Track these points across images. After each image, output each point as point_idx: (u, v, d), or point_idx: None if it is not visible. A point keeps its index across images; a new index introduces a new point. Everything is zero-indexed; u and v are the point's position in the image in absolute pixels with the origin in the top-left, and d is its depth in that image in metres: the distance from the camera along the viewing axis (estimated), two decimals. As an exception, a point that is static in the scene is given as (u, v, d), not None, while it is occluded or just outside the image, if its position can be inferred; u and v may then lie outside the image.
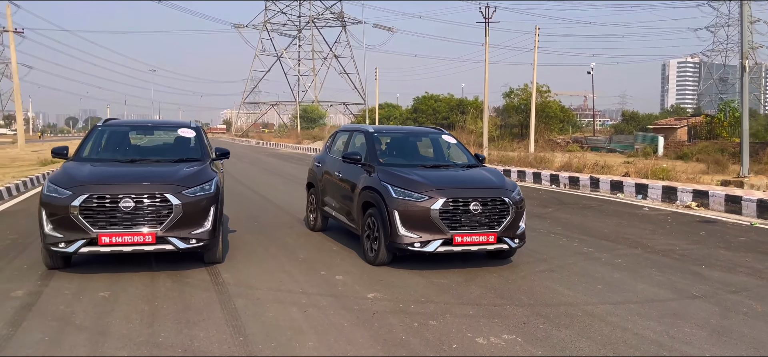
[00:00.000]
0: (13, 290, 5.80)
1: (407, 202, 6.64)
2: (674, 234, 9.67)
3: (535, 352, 4.41)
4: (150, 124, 8.79)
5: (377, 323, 4.98)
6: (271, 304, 5.47)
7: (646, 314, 5.36)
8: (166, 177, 6.58)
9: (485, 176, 7.28)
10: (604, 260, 7.58)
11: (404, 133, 9.12)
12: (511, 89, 55.03)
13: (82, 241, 6.09)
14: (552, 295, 5.93)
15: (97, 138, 7.72)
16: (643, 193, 14.88)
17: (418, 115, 69.37)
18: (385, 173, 7.13)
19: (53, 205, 6.17)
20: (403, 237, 6.60)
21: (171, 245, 6.29)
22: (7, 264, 6.89)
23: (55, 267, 6.54)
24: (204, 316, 5.08)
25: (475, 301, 5.69)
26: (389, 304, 5.53)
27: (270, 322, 4.97)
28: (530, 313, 5.31)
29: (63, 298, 5.56)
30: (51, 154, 7.55)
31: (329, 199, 8.69)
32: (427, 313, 5.25)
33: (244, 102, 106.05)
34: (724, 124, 37.54)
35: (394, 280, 6.35)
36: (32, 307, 5.29)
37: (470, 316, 5.20)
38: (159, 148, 7.98)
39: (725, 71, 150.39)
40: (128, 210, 6.15)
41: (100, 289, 5.85)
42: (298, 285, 6.16)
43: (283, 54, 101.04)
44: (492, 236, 6.68)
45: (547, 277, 6.66)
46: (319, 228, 9.22)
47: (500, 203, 6.78)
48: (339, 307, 5.43)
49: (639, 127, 57.62)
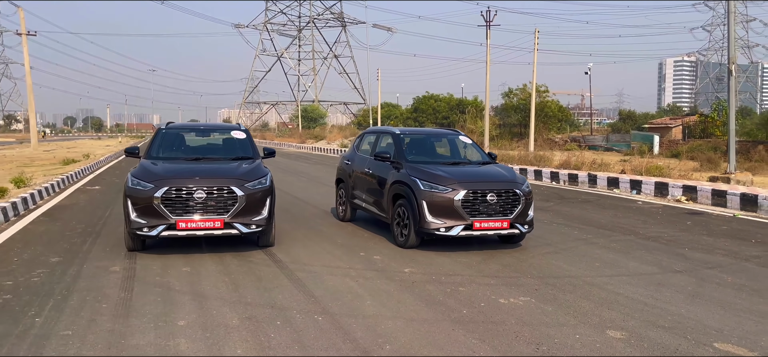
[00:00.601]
0: (111, 266, 6.98)
1: (433, 193, 7.82)
2: (664, 223, 10.86)
3: (546, 308, 5.59)
4: (205, 127, 9.98)
5: (417, 290, 6.16)
6: (327, 276, 6.65)
7: (635, 284, 6.55)
8: (230, 173, 7.75)
9: (499, 171, 8.47)
10: (601, 244, 8.76)
11: (426, 134, 10.30)
12: (510, 89, 56.24)
13: (163, 226, 7.27)
14: (557, 270, 7.12)
15: (162, 139, 8.89)
16: (637, 189, 16.09)
17: (419, 114, 70.60)
18: (413, 169, 8.31)
19: (137, 196, 7.35)
20: (430, 223, 7.78)
21: (236, 230, 7.47)
22: (91, 247, 8.06)
23: (135, 249, 7.71)
24: (276, 285, 6.26)
25: (494, 274, 6.87)
26: (424, 276, 6.72)
27: (331, 288, 6.15)
28: (540, 283, 6.49)
29: (153, 271, 6.73)
30: (124, 153, 8.71)
31: (359, 193, 9.87)
32: (456, 283, 6.44)
33: (245, 102, 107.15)
34: (718, 123, 38.78)
35: (424, 259, 7.53)
36: (133, 278, 6.46)
37: (491, 285, 6.38)
38: (216, 147, 9.16)
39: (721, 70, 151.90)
40: (201, 200, 7.33)
41: (181, 266, 7.03)
42: (344, 263, 7.34)
43: (284, 54, 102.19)
44: (505, 223, 7.88)
45: (553, 257, 7.84)
46: (349, 218, 10.41)
47: (512, 194, 7.97)
48: (383, 278, 6.61)
49: (635, 126, 58.92)
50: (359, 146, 10.49)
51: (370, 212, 9.47)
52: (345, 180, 10.47)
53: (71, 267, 6.94)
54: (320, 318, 5.22)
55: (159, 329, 4.87)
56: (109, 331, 4.81)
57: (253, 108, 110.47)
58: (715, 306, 5.76)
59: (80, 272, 6.69)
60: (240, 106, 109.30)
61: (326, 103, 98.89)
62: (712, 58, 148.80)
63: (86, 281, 6.31)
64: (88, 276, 6.53)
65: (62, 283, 6.22)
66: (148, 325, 4.98)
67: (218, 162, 8.34)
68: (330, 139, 62.27)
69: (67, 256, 7.52)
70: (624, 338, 4.83)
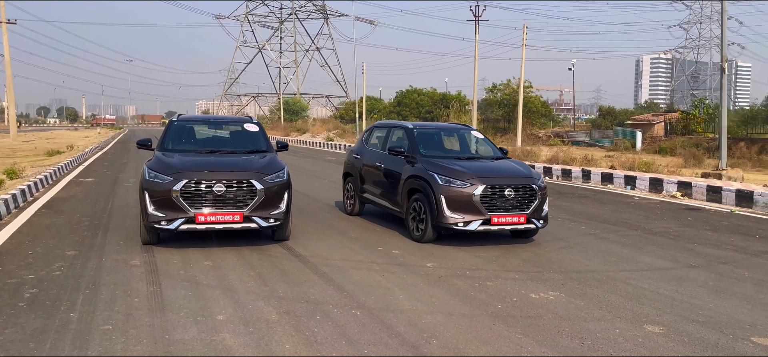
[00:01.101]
0: (130, 260, 6.88)
1: (452, 188, 7.84)
2: (666, 219, 11.02)
3: (578, 303, 5.65)
4: (217, 120, 9.87)
5: (446, 284, 6.18)
6: (352, 271, 6.63)
7: (656, 278, 6.64)
8: (249, 166, 7.69)
9: (515, 166, 8.52)
10: (612, 239, 8.86)
11: (438, 128, 10.31)
12: (493, 84, 56.45)
13: (182, 219, 7.19)
14: (577, 265, 7.18)
15: (174, 132, 8.78)
16: (631, 184, 16.30)
17: (402, 108, 70.56)
18: (430, 163, 8.32)
19: (155, 189, 7.25)
20: (448, 218, 7.80)
21: (255, 223, 7.41)
22: (104, 240, 7.95)
23: (151, 243, 7.61)
24: (304, 279, 6.24)
25: (517, 268, 6.92)
26: (448, 271, 6.74)
27: (360, 283, 6.14)
28: (565, 278, 6.55)
29: (175, 266, 6.65)
30: (136, 145, 8.58)
31: (370, 187, 9.86)
32: (482, 277, 6.47)
33: (225, 94, 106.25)
34: (699, 120, 39.39)
35: (443, 254, 7.55)
36: (156, 272, 6.38)
37: (517, 280, 6.42)
38: (230, 140, 9.07)
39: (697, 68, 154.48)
40: (220, 194, 7.26)
41: (202, 260, 6.96)
42: (364, 257, 7.33)
43: (265, 46, 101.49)
44: (523, 217, 7.93)
45: (569, 252, 7.91)
46: (357, 212, 10.39)
47: (529, 189, 8.02)
48: (408, 272, 6.62)
49: (616, 122, 59.59)
50: (368, 140, 10.47)
51: (382, 206, 9.46)
52: (353, 174, 10.44)
53: (90, 260, 6.83)
54: (358, 312, 5.21)
55: (200, 324, 4.82)
56: (149, 326, 4.75)
57: (233, 100, 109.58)
58: (741, 301, 5.86)
59: (101, 266, 6.59)
60: (220, 97, 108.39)
61: (308, 95, 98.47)
62: (688, 56, 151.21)
63: (110, 275, 6.22)
64: (110, 270, 6.43)
65: (85, 277, 6.12)
66: (187, 319, 4.92)
67: (234, 155, 8.27)
68: (314, 132, 62.08)
69: (81, 249, 7.40)
70: (663, 333, 4.89)
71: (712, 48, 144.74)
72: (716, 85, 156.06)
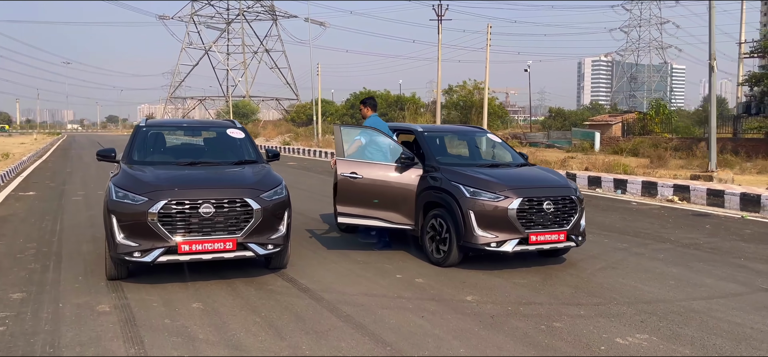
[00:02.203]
0: (96, 304, 5.41)
1: (483, 202, 6.65)
2: (682, 227, 10.12)
3: (680, 350, 4.53)
4: (193, 125, 8.37)
5: (505, 327, 4.97)
6: (381, 310, 5.35)
7: (739, 308, 5.60)
8: (241, 180, 6.32)
9: (550, 175, 7.40)
10: (648, 255, 7.85)
11: (450, 132, 9.12)
12: (449, 86, 55.75)
13: (161, 249, 5.76)
14: (639, 292, 6.09)
15: (143, 139, 7.29)
16: (622, 188, 15.50)
17: (355, 111, 69.22)
18: (452, 173, 7.11)
19: (126, 212, 5.79)
20: (479, 237, 6.61)
21: (251, 252, 6.05)
22: (58, 275, 6.41)
23: (118, 277, 6.14)
24: (327, 326, 4.92)
25: (574, 300, 5.77)
26: (496, 307, 5.53)
27: (399, 329, 4.87)
28: (638, 312, 5.44)
29: (158, 312, 5.22)
30: (96, 157, 7.04)
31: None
32: (543, 315, 5.29)
33: (171, 97, 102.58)
34: (656, 120, 39.57)
35: (476, 282, 6.35)
36: (134, 322, 4.94)
37: (586, 318, 5.27)
38: (210, 149, 7.61)
39: (637, 70, 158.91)
40: (208, 216, 5.86)
41: (188, 301, 5.55)
42: (386, 289, 6.06)
43: (212, 47, 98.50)
44: (562, 235, 6.81)
45: (614, 274, 6.83)
46: (354, 228, 9.07)
47: (569, 202, 6.91)
48: (450, 311, 5.38)
49: (568, 123, 59.93)
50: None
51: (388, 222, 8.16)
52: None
53: (43, 307, 5.32)
54: (420, 378, 3.94)
55: (214, 411, 3.45)
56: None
57: (178, 103, 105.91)
58: None
59: (59, 315, 5.11)
60: (165, 101, 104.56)
61: (257, 98, 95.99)
62: (628, 59, 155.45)
63: (73, 330, 4.75)
64: (72, 321, 4.96)
65: (41, 335, 4.65)
66: (194, 403, 3.55)
67: (220, 167, 6.85)
68: (266, 135, 60.09)
69: (30, 289, 5.87)
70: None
71: (651, 51, 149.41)
72: (656, 86, 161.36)
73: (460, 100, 54.43)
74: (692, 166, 24.29)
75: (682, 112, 68.00)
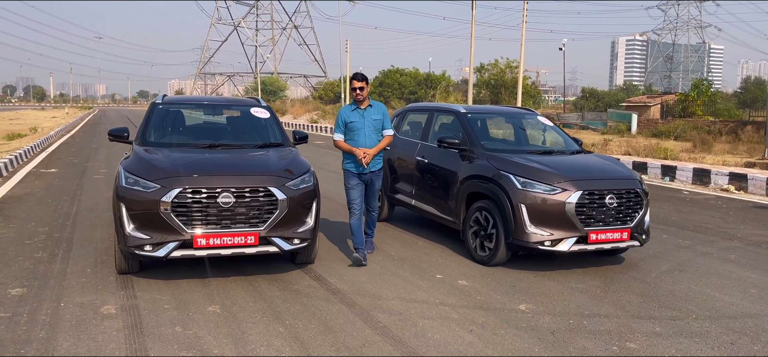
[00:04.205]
0: (101, 304, 4.80)
1: (537, 195, 5.87)
2: (748, 222, 9.21)
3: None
4: (213, 102, 7.70)
5: (571, 347, 4.22)
6: (422, 320, 4.65)
7: (841, 326, 4.77)
8: (265, 166, 5.63)
9: (611, 165, 6.58)
10: (717, 256, 7.01)
11: (497, 113, 8.32)
12: (481, 64, 54.43)
13: (175, 243, 5.12)
14: (718, 304, 5.28)
15: (158, 118, 6.65)
16: (670, 175, 14.52)
17: (384, 88, 68.29)
18: (500, 161, 6.34)
19: (137, 200, 5.16)
20: (530, 235, 5.84)
21: (274, 246, 5.38)
22: (64, 266, 5.83)
23: (129, 272, 5.54)
24: (361, 340, 4.23)
25: (645, 312, 4.99)
26: (555, 319, 4.78)
27: (443, 346, 4.16)
28: (724, 329, 4.65)
29: (169, 316, 4.59)
30: (108, 136, 6.42)
31: (404, 187, 7.85)
32: (612, 332, 4.53)
33: (200, 73, 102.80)
34: (698, 102, 37.97)
35: (528, 286, 5.60)
36: (141, 329, 4.31)
37: (663, 336, 4.49)
38: (232, 130, 6.93)
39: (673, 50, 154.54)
40: (228, 206, 5.19)
41: (204, 302, 4.91)
42: (426, 293, 5.34)
43: (241, 23, 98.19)
44: (626, 233, 6.02)
45: (685, 279, 6.01)
46: (384, 218, 8.38)
47: (634, 196, 6.11)
48: (503, 323, 4.65)
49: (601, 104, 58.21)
50: (398, 127, 8.42)
51: (424, 213, 7.46)
52: (381, 170, 8.38)
53: (42, 307, 4.73)
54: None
55: None
56: None
57: (207, 79, 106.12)
58: None
59: (58, 318, 4.50)
60: (194, 76, 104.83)
61: (286, 75, 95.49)
62: (665, 38, 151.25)
63: (70, 338, 4.14)
64: (71, 325, 4.35)
65: (34, 343, 4.04)
66: None
67: (241, 151, 6.17)
68: (294, 113, 59.60)
69: (32, 284, 5.28)
70: None
71: (689, 29, 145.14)
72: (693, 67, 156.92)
73: (492, 79, 53.16)
74: (739, 152, 23.08)
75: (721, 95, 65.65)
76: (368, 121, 6.18)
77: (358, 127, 6.16)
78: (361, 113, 6.20)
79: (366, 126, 6.17)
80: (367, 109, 6.21)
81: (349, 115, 6.20)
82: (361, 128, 6.16)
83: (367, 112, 6.20)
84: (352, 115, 6.20)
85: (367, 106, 6.22)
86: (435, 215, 7.20)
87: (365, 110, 6.20)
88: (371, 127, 6.19)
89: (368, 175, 6.24)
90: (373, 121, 6.19)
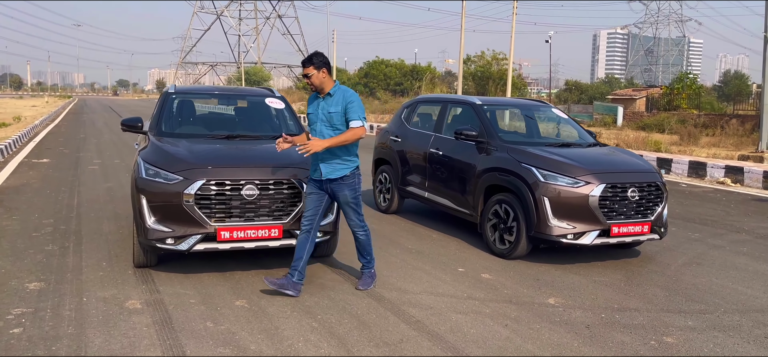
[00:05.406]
0: (124, 299, 4.67)
1: (560, 187, 5.84)
2: (751, 215, 9.29)
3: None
4: (226, 92, 7.54)
5: (610, 342, 4.20)
6: (455, 315, 4.59)
7: None
8: (286, 158, 5.51)
9: (631, 158, 6.57)
10: (730, 249, 7.05)
11: (511, 105, 8.27)
12: (468, 56, 54.41)
13: (198, 236, 5.01)
14: (742, 297, 5.29)
15: (172, 108, 6.50)
16: (665, 168, 14.63)
17: (369, 80, 68.07)
18: (521, 153, 6.29)
19: (158, 192, 5.03)
20: (553, 228, 5.81)
21: (296, 239, 5.27)
22: (79, 261, 5.67)
23: (146, 265, 5.41)
24: (397, 337, 4.16)
25: (674, 306, 4.99)
26: (587, 314, 4.76)
27: (485, 342, 4.10)
28: (755, 323, 4.66)
29: (197, 311, 4.48)
30: (121, 126, 6.26)
31: (417, 179, 7.78)
32: (647, 326, 4.51)
33: (182, 62, 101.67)
34: (684, 95, 38.33)
35: (553, 280, 5.57)
36: (172, 325, 4.20)
37: (698, 330, 4.49)
38: (245, 121, 6.79)
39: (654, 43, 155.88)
40: (252, 198, 5.09)
41: (230, 296, 4.81)
42: (452, 287, 5.29)
43: (224, 12, 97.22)
44: (646, 226, 6.02)
45: (704, 272, 6.03)
46: (394, 210, 8.31)
47: (655, 189, 6.11)
48: (535, 317, 4.61)
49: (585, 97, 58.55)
50: (408, 119, 8.34)
51: (437, 205, 7.40)
52: (391, 162, 8.32)
53: (64, 302, 4.59)
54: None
55: None
56: None
57: (189, 69, 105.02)
58: None
59: (84, 313, 4.37)
60: (176, 66, 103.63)
61: (269, 65, 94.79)
62: (646, 32, 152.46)
63: (101, 333, 4.02)
64: (99, 321, 4.22)
65: (64, 339, 3.92)
66: None
67: (259, 141, 6.05)
68: (279, 103, 58.99)
69: (49, 278, 5.14)
70: None
71: (670, 23, 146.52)
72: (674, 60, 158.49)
73: (478, 71, 53.17)
74: (726, 145, 23.38)
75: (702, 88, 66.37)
76: (322, 114, 4.97)
77: (313, 121, 5.05)
78: (318, 104, 5.04)
79: (319, 119, 4.99)
80: (325, 99, 4.97)
81: (309, 106, 5.14)
82: (315, 122, 5.02)
83: (324, 103, 4.98)
84: (311, 106, 5.12)
85: (325, 95, 4.98)
86: (450, 208, 7.15)
87: (323, 100, 4.99)
88: (324, 121, 4.95)
89: (327, 185, 4.97)
90: (327, 113, 4.94)
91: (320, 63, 4.86)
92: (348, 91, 4.97)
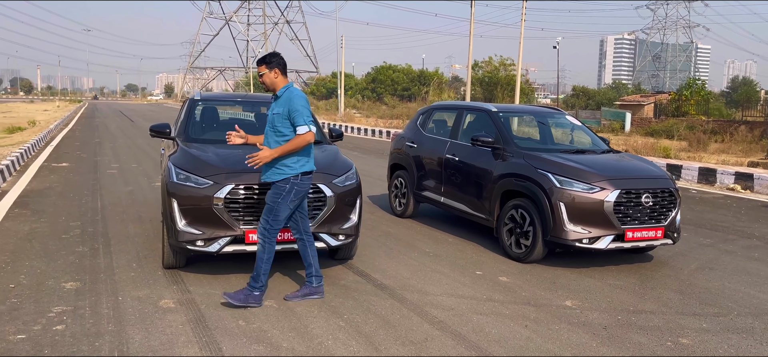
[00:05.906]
0: (158, 298, 4.87)
1: (575, 193, 6.00)
2: (761, 221, 9.41)
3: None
4: (254, 100, 7.72)
5: (628, 343, 4.35)
6: (475, 316, 4.76)
7: None
8: (312, 164, 5.69)
9: (644, 164, 6.74)
10: (740, 254, 7.19)
11: (526, 112, 8.44)
12: (475, 61, 54.59)
13: (227, 239, 5.20)
14: (755, 301, 5.44)
15: (199, 114, 6.71)
16: (675, 174, 14.73)
17: (377, 85, 68.39)
18: (537, 159, 6.46)
19: (189, 195, 5.23)
20: (569, 232, 5.97)
21: (322, 243, 5.47)
22: (110, 262, 5.87)
23: (175, 266, 5.61)
24: (422, 336, 4.33)
25: (688, 309, 5.14)
26: (603, 315, 4.91)
27: (507, 342, 4.27)
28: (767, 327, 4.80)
29: (229, 310, 4.67)
30: (150, 132, 6.47)
31: (432, 184, 7.95)
32: (662, 328, 4.66)
33: (191, 67, 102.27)
34: (692, 101, 38.38)
35: (569, 283, 5.73)
36: (206, 323, 4.39)
37: (712, 332, 4.64)
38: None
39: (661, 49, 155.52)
40: (278, 203, 5.25)
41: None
42: (471, 289, 5.46)
43: (232, 17, 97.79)
44: (660, 231, 6.17)
45: (716, 277, 6.17)
46: (409, 214, 8.49)
47: (669, 195, 6.26)
48: (553, 318, 4.77)
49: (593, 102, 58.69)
50: (424, 125, 8.53)
51: (453, 210, 7.57)
52: (407, 167, 8.50)
53: (101, 301, 4.79)
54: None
55: None
56: None
57: (198, 73, 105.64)
58: None
59: (121, 311, 4.57)
60: (185, 70, 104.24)
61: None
62: (653, 37, 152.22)
63: (140, 331, 4.21)
64: (136, 319, 4.42)
65: (106, 336, 4.11)
66: None
67: None
68: (288, 108, 59.25)
69: (84, 278, 5.33)
70: None
71: (678, 29, 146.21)
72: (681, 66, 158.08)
73: (486, 77, 53.31)
74: (735, 151, 23.43)
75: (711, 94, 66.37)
76: (269, 115, 4.86)
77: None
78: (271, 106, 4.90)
79: (267, 122, 4.87)
80: (274, 100, 4.86)
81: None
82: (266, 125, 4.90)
83: (273, 104, 4.85)
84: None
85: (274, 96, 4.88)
86: (466, 212, 7.32)
87: (273, 101, 4.87)
88: (270, 123, 4.80)
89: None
90: (272, 115, 4.80)
91: (274, 63, 4.77)
92: (295, 94, 4.74)
